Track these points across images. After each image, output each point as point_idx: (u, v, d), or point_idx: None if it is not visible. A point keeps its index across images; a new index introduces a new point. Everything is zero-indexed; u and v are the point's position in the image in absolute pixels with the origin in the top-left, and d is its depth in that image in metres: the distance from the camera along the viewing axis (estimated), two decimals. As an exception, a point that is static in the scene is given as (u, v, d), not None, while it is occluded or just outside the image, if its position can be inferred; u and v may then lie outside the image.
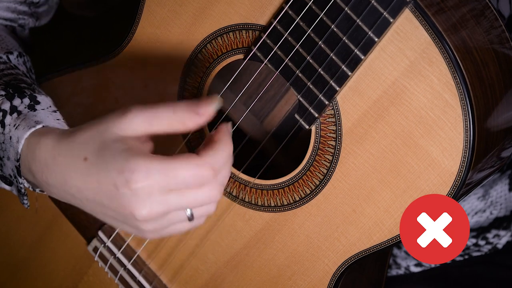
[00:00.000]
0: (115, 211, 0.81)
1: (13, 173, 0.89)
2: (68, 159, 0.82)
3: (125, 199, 0.79)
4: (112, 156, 0.79)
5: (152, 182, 0.78)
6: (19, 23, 1.08)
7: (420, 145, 0.83)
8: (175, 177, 0.78)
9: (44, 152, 0.85)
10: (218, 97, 0.79)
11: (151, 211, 0.79)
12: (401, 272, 1.17)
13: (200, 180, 0.79)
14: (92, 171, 0.80)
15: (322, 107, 0.86)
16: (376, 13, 0.80)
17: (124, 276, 1.04)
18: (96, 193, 0.81)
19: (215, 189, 0.80)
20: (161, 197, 0.79)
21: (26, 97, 0.91)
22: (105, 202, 0.81)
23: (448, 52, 0.79)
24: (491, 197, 1.14)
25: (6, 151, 0.89)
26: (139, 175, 0.78)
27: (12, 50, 1.01)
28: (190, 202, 0.80)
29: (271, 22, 0.86)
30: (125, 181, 0.78)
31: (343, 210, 0.89)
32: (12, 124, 0.88)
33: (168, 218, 0.81)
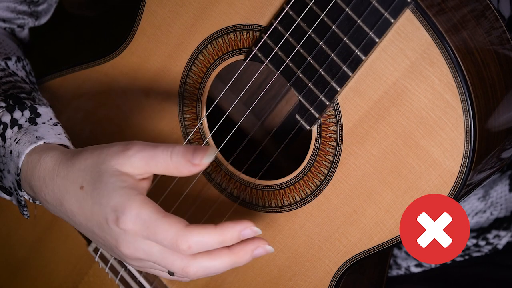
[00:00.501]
0: (104, 240, 0.83)
1: (13, 185, 0.90)
2: (66, 182, 0.84)
3: (113, 234, 0.81)
4: (107, 191, 0.81)
5: (137, 230, 0.80)
6: (18, 23, 1.08)
7: (421, 145, 0.83)
8: (154, 234, 0.79)
9: (44, 170, 0.86)
10: (213, 149, 0.80)
11: (133, 253, 0.81)
12: (401, 273, 1.17)
13: (174, 248, 0.79)
14: (87, 201, 0.82)
15: (323, 108, 0.86)
16: (377, 13, 0.79)
17: (125, 276, 1.04)
18: (88, 221, 0.83)
19: (188, 268, 0.80)
20: (144, 245, 0.81)
21: (26, 109, 0.91)
22: (95, 231, 0.83)
23: (449, 53, 0.79)
24: (491, 197, 1.14)
25: (7, 165, 0.89)
26: (127, 218, 0.79)
27: (11, 56, 1.01)
28: (166, 264, 0.81)
29: (272, 22, 0.86)
30: (116, 218, 0.80)
31: (344, 210, 0.89)
32: (13, 138, 0.89)
33: (150, 264, 0.83)
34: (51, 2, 1.11)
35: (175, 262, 0.81)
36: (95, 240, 0.85)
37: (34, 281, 1.17)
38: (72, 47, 1.44)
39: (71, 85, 1.05)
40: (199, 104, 0.94)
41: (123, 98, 1.00)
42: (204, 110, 0.94)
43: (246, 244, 0.81)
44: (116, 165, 0.81)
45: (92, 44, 1.42)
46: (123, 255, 0.82)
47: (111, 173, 0.81)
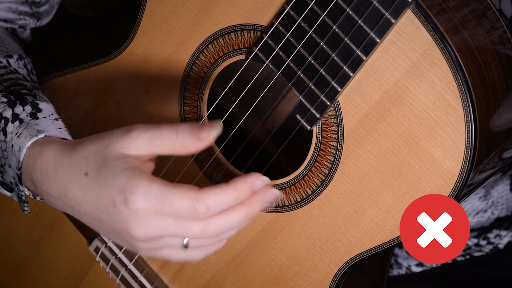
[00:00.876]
0: (111, 227, 0.82)
1: (14, 180, 0.90)
2: (70, 171, 0.83)
3: (122, 217, 0.80)
4: (113, 174, 0.80)
5: (148, 205, 0.79)
6: (20, 23, 1.08)
7: (422, 146, 0.83)
8: (170, 205, 0.79)
9: (45, 161, 0.85)
10: (219, 123, 0.80)
11: (146, 233, 0.80)
12: (402, 272, 1.17)
13: (192, 214, 0.79)
14: (92, 187, 0.81)
15: (323, 108, 0.86)
16: (378, 14, 0.79)
17: (126, 276, 1.04)
18: (94, 207, 0.82)
19: (209, 229, 0.80)
20: (157, 221, 0.80)
21: (27, 105, 0.91)
22: (102, 217, 0.82)
23: (449, 53, 0.79)
24: (492, 197, 1.14)
25: (8, 159, 0.89)
26: (137, 196, 0.79)
27: (12, 53, 1.01)
28: (184, 232, 0.80)
29: (273, 22, 0.86)
30: (124, 199, 0.79)
31: (345, 211, 0.89)
32: (14, 133, 0.89)
33: (163, 241, 0.82)
34: (53, 3, 1.11)
35: (193, 227, 0.80)
36: (103, 229, 0.84)
37: (35, 281, 1.17)
38: (72, 47, 1.44)
39: (71, 84, 1.05)
40: (200, 104, 0.94)
41: (123, 97, 1.00)
42: (205, 110, 0.94)
43: (255, 193, 0.82)
44: (120, 148, 0.81)
45: (92, 44, 1.42)
46: (135, 238, 0.81)
47: (115, 157, 0.81)
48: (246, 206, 0.82)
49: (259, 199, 0.82)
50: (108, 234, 0.85)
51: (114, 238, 0.85)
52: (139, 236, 0.80)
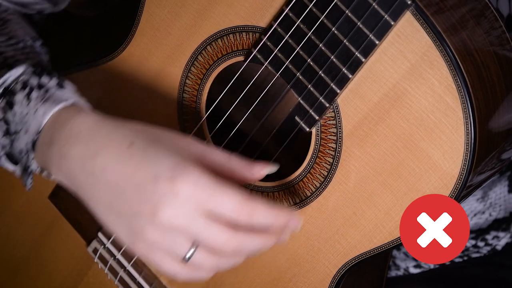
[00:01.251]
0: (130, 204, 0.78)
1: (26, 147, 0.87)
2: (111, 137, 0.80)
3: (158, 194, 0.76)
4: (167, 151, 0.77)
5: (195, 192, 0.76)
6: (37, 8, 1.06)
7: (421, 147, 0.83)
8: (219, 197, 0.76)
9: (81, 122, 0.82)
10: (276, 164, 0.81)
11: (174, 218, 0.76)
12: (400, 274, 1.17)
13: (236, 214, 0.77)
14: (133, 157, 0.78)
15: (322, 110, 0.86)
16: (377, 16, 0.79)
17: (124, 277, 1.04)
18: (124, 178, 0.78)
19: (234, 241, 0.78)
20: (192, 212, 0.76)
21: (54, 77, 0.89)
22: (126, 192, 0.78)
23: (449, 55, 0.79)
24: (490, 198, 1.14)
25: (27, 124, 0.86)
26: (189, 177, 0.76)
27: (38, 37, 1.01)
28: (208, 235, 0.77)
29: (272, 24, 0.86)
30: (171, 177, 0.76)
31: (344, 212, 0.89)
32: (40, 98, 0.86)
33: (173, 239, 0.78)
34: None
35: (221, 234, 0.77)
36: (112, 208, 0.79)
37: (34, 282, 1.17)
38: (72, 47, 1.44)
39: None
40: (198, 105, 0.94)
41: (121, 99, 1.00)
42: (203, 111, 0.94)
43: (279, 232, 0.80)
44: (176, 142, 0.79)
45: (92, 44, 1.42)
46: (156, 220, 0.76)
47: (171, 140, 0.79)
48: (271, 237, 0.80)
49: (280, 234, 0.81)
50: (113, 216, 0.80)
51: (120, 219, 0.80)
52: (165, 219, 0.76)
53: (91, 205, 0.81)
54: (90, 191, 0.80)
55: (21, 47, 0.98)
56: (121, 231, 0.80)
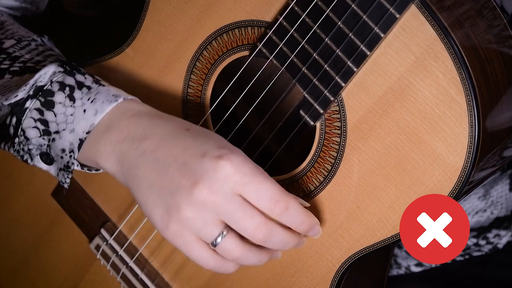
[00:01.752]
0: (172, 180, 0.81)
1: (70, 147, 0.88)
2: (168, 123, 0.84)
3: (201, 169, 0.79)
4: (219, 137, 0.82)
5: (237, 172, 0.79)
6: (22, 12, 1.08)
7: (425, 141, 0.83)
8: (259, 183, 0.80)
9: (140, 110, 0.86)
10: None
11: (212, 194, 0.79)
12: (401, 272, 1.18)
13: (271, 204, 0.81)
14: (188, 139, 0.81)
15: (327, 103, 0.86)
16: (383, 9, 0.80)
17: (126, 274, 1.04)
18: (172, 156, 0.81)
19: (264, 228, 0.81)
20: (229, 191, 0.80)
21: (86, 74, 0.91)
22: (171, 167, 0.81)
23: (453, 48, 0.79)
24: (492, 196, 1.15)
25: (73, 123, 0.88)
26: (235, 158, 0.79)
27: (43, 35, 1.02)
28: (241, 216, 0.81)
29: (277, 18, 0.86)
30: (219, 155, 0.79)
31: (347, 206, 0.89)
32: (86, 98, 0.88)
33: (206, 219, 0.81)
34: None
35: (254, 217, 0.80)
36: (156, 183, 0.82)
37: (35, 280, 1.16)
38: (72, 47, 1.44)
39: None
40: (203, 100, 0.95)
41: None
42: (208, 106, 0.95)
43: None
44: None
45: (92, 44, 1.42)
46: (193, 196, 0.79)
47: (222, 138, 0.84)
48: (297, 239, 0.87)
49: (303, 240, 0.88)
50: (154, 191, 0.82)
51: (159, 197, 0.82)
52: (202, 192, 0.79)
53: (134, 186, 0.84)
54: (136, 170, 0.83)
55: (34, 47, 0.98)
56: (157, 212, 0.82)
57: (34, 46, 0.98)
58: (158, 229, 0.83)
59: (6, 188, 1.15)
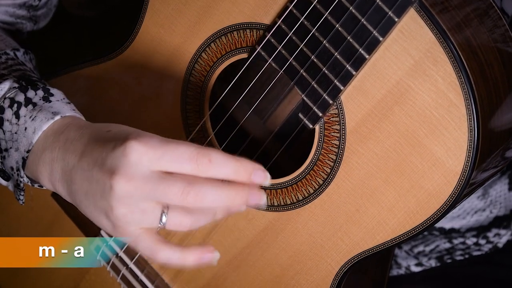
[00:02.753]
0: (97, 182, 0.79)
1: (16, 165, 0.89)
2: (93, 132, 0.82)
3: (113, 159, 0.77)
4: (133, 128, 0.80)
5: (148, 149, 0.76)
6: (17, 27, 1.08)
7: (424, 144, 0.83)
8: (173, 149, 0.76)
9: (70, 131, 0.84)
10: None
11: (130, 180, 0.76)
12: (401, 272, 1.18)
13: (193, 163, 0.76)
14: (105, 137, 0.80)
15: (326, 107, 0.86)
16: (381, 12, 0.80)
17: (126, 275, 1.04)
18: (93, 159, 0.79)
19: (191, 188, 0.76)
20: (146, 170, 0.76)
21: (39, 89, 0.90)
22: (94, 170, 0.79)
23: (452, 52, 0.79)
24: (491, 196, 1.15)
25: (17, 142, 0.88)
26: (141, 137, 0.76)
27: (18, 48, 1.01)
28: (165, 187, 0.76)
29: (276, 21, 0.86)
30: (125, 139, 0.77)
31: (347, 209, 0.89)
32: (28, 116, 0.88)
33: (142, 207, 0.78)
34: (50, 6, 1.11)
35: (177, 183, 0.76)
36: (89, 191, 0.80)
37: (35, 281, 1.16)
38: (72, 47, 1.44)
39: (72, 83, 1.05)
40: (202, 102, 0.94)
41: (126, 96, 1.01)
42: (207, 108, 0.94)
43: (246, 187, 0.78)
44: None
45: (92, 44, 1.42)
46: (116, 188, 0.76)
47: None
48: (233, 190, 0.78)
49: (247, 192, 0.78)
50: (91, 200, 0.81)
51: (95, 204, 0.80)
52: (120, 183, 0.76)
53: (77, 201, 0.83)
54: (74, 186, 0.82)
55: (4, 60, 0.98)
56: (101, 219, 0.81)
57: (4, 60, 0.98)
58: (111, 234, 0.82)
59: (6, 188, 1.15)
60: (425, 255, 1.16)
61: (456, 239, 1.15)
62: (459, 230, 1.16)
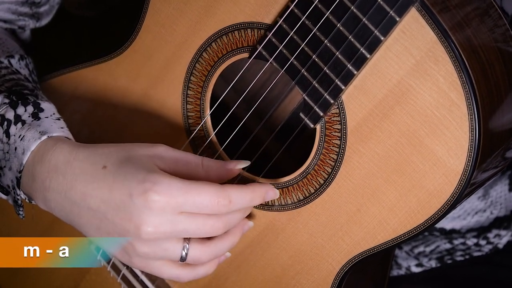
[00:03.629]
0: (115, 225, 0.81)
1: (12, 184, 0.89)
2: (85, 164, 0.83)
3: (136, 210, 0.80)
4: (135, 168, 0.81)
5: (169, 199, 0.79)
6: (19, 24, 1.08)
7: (426, 144, 0.83)
8: (194, 196, 0.80)
9: (58, 155, 0.85)
10: (247, 161, 0.86)
11: (158, 228, 0.80)
12: (402, 273, 1.18)
13: (214, 207, 0.81)
14: (108, 179, 0.81)
15: (327, 106, 0.86)
16: (383, 12, 0.80)
17: (127, 275, 1.04)
18: (102, 201, 0.81)
19: (220, 223, 0.83)
20: (172, 216, 0.80)
21: (29, 105, 0.91)
22: (108, 214, 0.81)
23: (454, 51, 0.79)
24: (491, 197, 1.15)
25: (9, 161, 0.89)
26: (160, 187, 0.79)
27: (13, 54, 1.01)
28: (196, 228, 0.81)
29: (277, 20, 0.86)
30: (143, 191, 0.79)
31: (348, 209, 0.89)
32: (18, 135, 0.88)
33: (164, 247, 0.82)
34: (53, 4, 1.11)
35: (207, 222, 0.81)
36: (101, 230, 0.83)
37: (35, 281, 1.16)
38: (72, 47, 1.44)
39: (72, 84, 1.05)
40: (203, 102, 0.94)
41: (126, 96, 1.00)
42: (208, 108, 0.94)
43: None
44: (146, 155, 0.82)
45: (92, 44, 1.42)
46: (142, 236, 0.80)
47: (141, 155, 0.82)
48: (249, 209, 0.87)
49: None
50: (104, 235, 0.84)
51: (110, 241, 0.84)
52: (148, 232, 0.80)
53: (82, 231, 0.86)
54: (77, 218, 0.84)
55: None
56: (116, 250, 0.85)
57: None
58: (125, 263, 0.86)
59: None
60: (425, 256, 1.16)
61: (457, 239, 1.15)
62: (459, 231, 1.16)
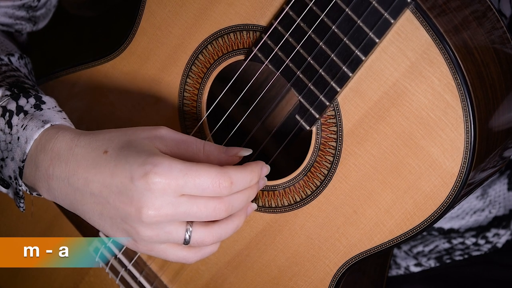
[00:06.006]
0: (117, 209, 0.81)
1: (14, 174, 0.89)
2: (86, 149, 0.83)
3: (137, 193, 0.79)
4: (136, 151, 0.81)
5: (170, 180, 0.79)
6: (16, 28, 1.08)
7: (421, 146, 0.83)
8: (195, 178, 0.79)
9: (60, 142, 0.85)
10: (249, 149, 0.86)
11: (159, 210, 0.80)
12: (401, 272, 1.17)
13: (216, 188, 0.80)
14: (109, 163, 0.81)
15: (323, 108, 0.86)
16: (377, 14, 0.80)
17: (125, 276, 1.04)
18: (104, 186, 0.81)
19: (222, 205, 0.82)
20: (173, 198, 0.80)
21: (31, 97, 0.91)
22: (110, 198, 0.81)
23: (448, 53, 0.79)
24: (490, 196, 1.15)
25: (12, 151, 0.89)
26: (160, 169, 0.79)
27: (13, 52, 1.01)
28: (197, 210, 0.81)
29: (272, 23, 0.86)
30: (144, 173, 0.79)
31: (344, 211, 0.89)
32: (20, 125, 0.88)
33: (167, 230, 0.82)
34: (49, 7, 1.11)
35: (208, 204, 0.81)
36: (104, 215, 0.83)
37: (35, 281, 1.17)
38: (72, 47, 1.44)
39: (70, 85, 1.05)
40: (199, 104, 0.94)
41: (122, 98, 1.00)
42: (204, 110, 0.94)
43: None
44: (147, 138, 0.82)
45: (92, 44, 1.42)
46: (144, 219, 0.80)
47: (142, 138, 0.82)
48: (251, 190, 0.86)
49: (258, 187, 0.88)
50: (106, 222, 0.84)
51: (113, 226, 0.84)
52: (150, 215, 0.80)
53: (86, 218, 0.86)
54: (81, 205, 0.84)
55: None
56: (120, 235, 0.84)
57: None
58: (130, 248, 0.86)
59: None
60: (424, 255, 1.16)
61: (455, 239, 1.15)
62: (458, 230, 1.15)
